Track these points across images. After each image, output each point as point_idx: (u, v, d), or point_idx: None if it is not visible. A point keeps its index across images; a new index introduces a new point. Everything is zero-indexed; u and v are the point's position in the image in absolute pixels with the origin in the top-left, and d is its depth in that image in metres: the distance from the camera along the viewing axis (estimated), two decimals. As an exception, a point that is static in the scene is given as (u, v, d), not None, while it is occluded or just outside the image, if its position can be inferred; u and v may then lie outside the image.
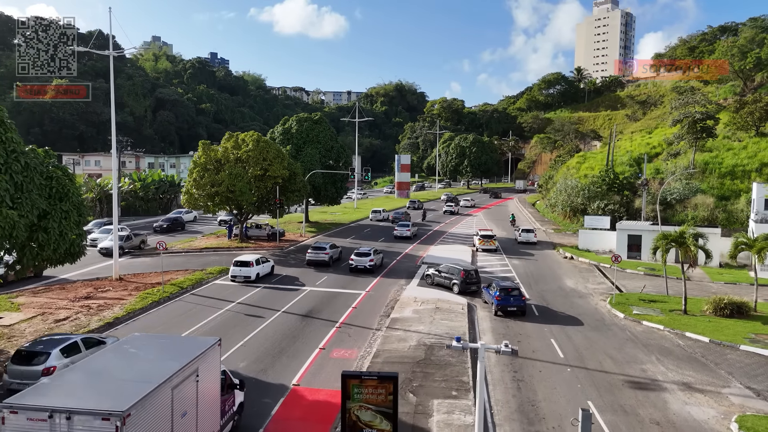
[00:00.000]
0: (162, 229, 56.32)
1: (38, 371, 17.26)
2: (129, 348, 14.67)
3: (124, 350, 14.64)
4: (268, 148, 46.45)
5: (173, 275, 35.86)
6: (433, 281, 35.24)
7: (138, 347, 14.73)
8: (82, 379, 12.56)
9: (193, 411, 13.03)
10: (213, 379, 14.27)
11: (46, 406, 10.62)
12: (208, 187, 44.89)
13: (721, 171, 65.51)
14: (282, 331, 25.79)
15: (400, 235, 55.08)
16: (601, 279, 38.93)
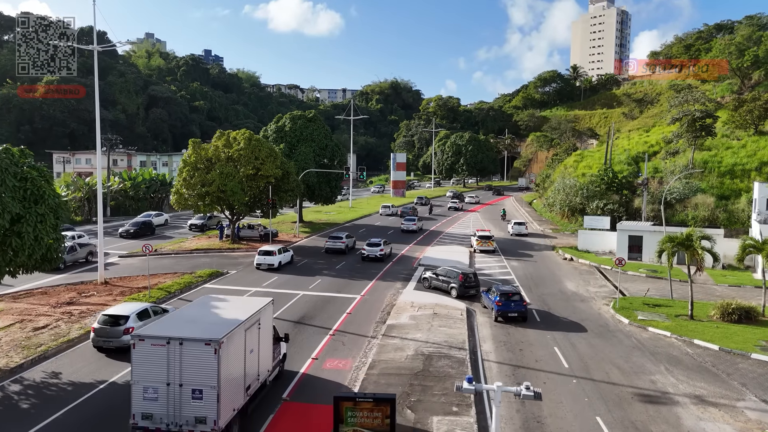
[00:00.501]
0: (129, 234, 51.28)
1: (120, 331, 21.91)
2: (208, 303, 18.95)
3: (204, 304, 18.80)
4: (261, 147, 45.17)
5: (161, 279, 34.60)
6: (430, 285, 34.12)
7: (213, 304, 18.68)
8: (182, 322, 16.91)
9: (257, 350, 17.37)
10: (268, 329, 18.81)
11: (165, 336, 14.73)
12: (198, 186, 43.59)
13: (721, 170, 64.70)
14: (273, 339, 24.56)
15: (407, 228, 58.48)
16: (602, 282, 37.91)
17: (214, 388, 14.43)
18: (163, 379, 14.55)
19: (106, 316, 22.51)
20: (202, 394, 14.45)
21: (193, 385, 14.49)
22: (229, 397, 15.11)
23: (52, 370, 20.63)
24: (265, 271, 38.19)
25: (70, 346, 22.87)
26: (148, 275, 32.68)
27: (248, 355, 16.50)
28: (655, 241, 44.56)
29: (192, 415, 14.47)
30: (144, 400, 14.63)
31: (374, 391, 18.83)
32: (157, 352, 14.60)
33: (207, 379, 14.44)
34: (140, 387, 14.66)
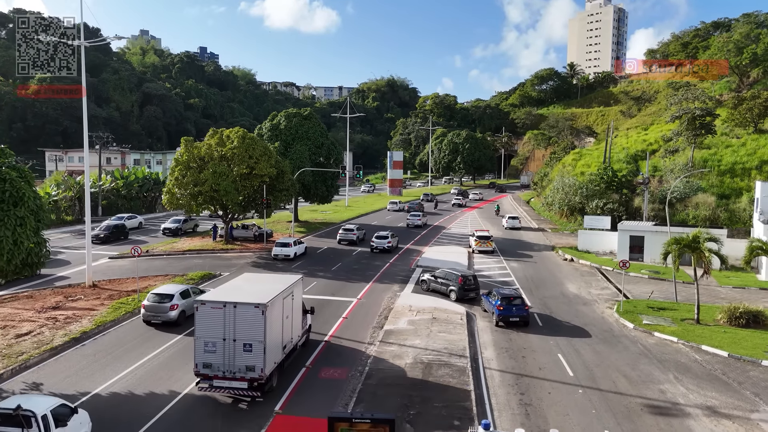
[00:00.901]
0: (99, 239, 46.96)
1: (166, 307, 25.65)
2: (250, 278, 24.32)
3: (247, 279, 23.57)
4: (255, 145, 44.13)
5: (151, 281, 33.58)
6: (428, 287, 33.21)
7: (254, 279, 24.41)
8: (232, 291, 20.35)
9: (291, 316, 20.82)
10: (299, 301, 22.37)
11: (222, 300, 18.17)
12: (190, 186, 42.55)
13: (721, 169, 64.00)
14: (266, 345, 23.64)
15: (412, 224, 61.43)
16: (604, 283, 37.08)
17: (261, 343, 17.81)
18: (220, 335, 18.01)
19: (155, 294, 26.19)
20: (251, 348, 17.84)
21: (244, 340, 17.87)
22: (271, 351, 18.46)
23: (33, 380, 19.65)
24: (281, 260, 41.35)
25: (53, 355, 21.87)
26: (137, 278, 31.71)
27: (284, 320, 20.07)
28: (657, 241, 43.90)
29: (243, 364, 17.86)
30: (205, 353, 18.06)
31: (372, 403, 17.95)
32: (215, 314, 18.03)
33: (256, 335, 17.84)
34: (202, 342, 18.12)
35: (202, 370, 18.14)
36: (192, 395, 18.64)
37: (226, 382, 17.99)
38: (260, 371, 17.74)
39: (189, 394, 18.76)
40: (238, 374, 17.85)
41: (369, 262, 42.15)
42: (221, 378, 18.01)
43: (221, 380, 18.05)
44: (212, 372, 18.06)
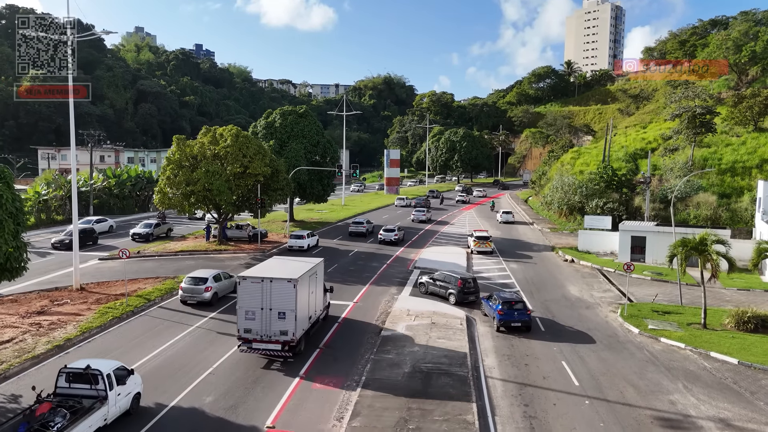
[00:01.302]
0: (63, 245, 42.68)
1: (201, 289, 28.80)
2: (280, 260, 28.24)
3: (278, 261, 27.95)
4: (248, 144, 43.10)
5: (141, 284, 32.57)
6: (427, 290, 32.31)
7: (284, 261, 27.79)
8: (267, 269, 23.44)
9: (315, 292, 24.13)
10: (321, 279, 25.60)
11: (260, 276, 21.43)
12: (183, 185, 41.52)
13: (721, 167, 63.28)
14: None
15: (417, 219, 64.77)
16: (606, 286, 36.24)
17: (293, 311, 21.12)
18: (259, 305, 21.29)
19: (191, 278, 29.56)
20: (285, 316, 21.13)
21: (278, 309, 21.19)
22: (300, 319, 21.68)
23: (11, 392, 18.65)
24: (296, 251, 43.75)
25: (35, 364, 20.89)
26: (125, 281, 30.72)
27: (310, 295, 23.24)
28: (659, 242, 43.15)
29: (278, 329, 21.18)
30: (245, 320, 21.36)
31: (368, 417, 17.05)
32: (254, 288, 21.29)
33: (288, 305, 21.11)
34: (243, 311, 21.42)
35: (243, 335, 21.53)
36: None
37: (263, 344, 21.39)
38: (292, 335, 21.23)
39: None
40: (274, 338, 21.27)
41: (366, 263, 41.23)
42: (259, 341, 21.41)
43: (259, 343, 21.44)
44: (251, 336, 21.45)
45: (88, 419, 15.03)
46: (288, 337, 21.15)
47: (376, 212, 74.91)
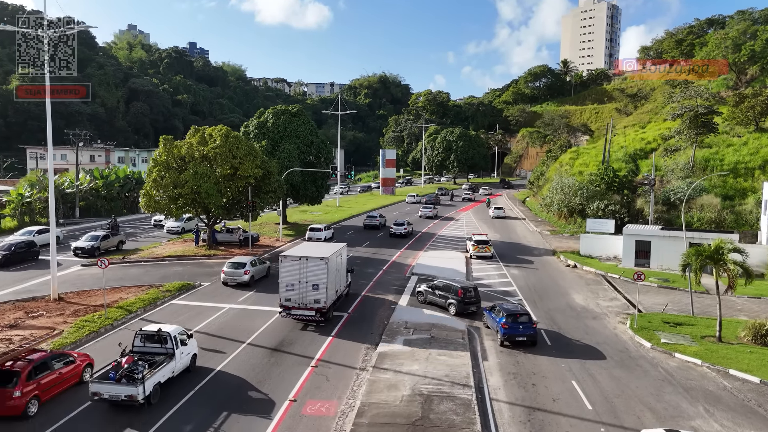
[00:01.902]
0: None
1: (241, 272, 33.73)
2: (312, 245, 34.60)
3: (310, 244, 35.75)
4: (239, 145, 41.35)
5: (123, 294, 30.82)
6: (425, 299, 30.72)
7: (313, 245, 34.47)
8: (302, 250, 28.29)
9: (340, 270, 28.85)
10: (344, 261, 30.15)
11: (297, 255, 26.40)
12: (170, 188, 39.76)
13: (723, 168, 61.97)
14: (245, 371, 21.08)
15: (423, 215, 68.72)
16: (612, 293, 34.73)
17: (324, 284, 25.81)
18: (296, 278, 25.98)
19: (232, 263, 34.64)
20: (318, 287, 25.82)
21: (313, 282, 25.83)
22: (331, 290, 26.53)
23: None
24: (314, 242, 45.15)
25: (0, 387, 19.11)
26: (105, 291, 28.98)
27: (337, 272, 27.99)
28: (665, 246, 41.76)
29: (312, 299, 25.86)
30: (286, 291, 26.10)
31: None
32: (293, 264, 26.14)
33: (321, 278, 25.80)
34: (284, 283, 26.17)
35: (284, 303, 26.39)
36: None
37: (300, 311, 26.20)
38: (324, 303, 26.09)
39: None
40: (309, 305, 26.01)
41: (361, 269, 39.54)
42: (297, 308, 26.17)
43: (297, 309, 26.20)
44: (291, 304, 26.23)
45: (162, 370, 18.75)
46: (320, 304, 26.09)
47: (387, 208, 78.50)
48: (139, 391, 17.22)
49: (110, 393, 17.35)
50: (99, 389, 17.44)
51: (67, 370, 19.14)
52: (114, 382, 17.55)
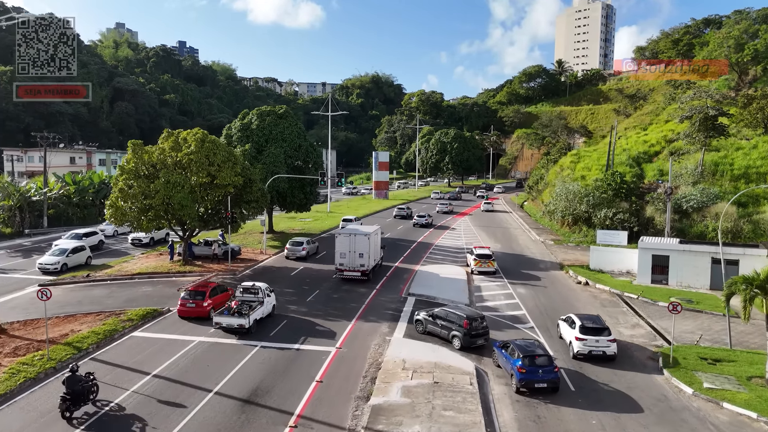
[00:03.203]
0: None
1: (300, 249, 43.82)
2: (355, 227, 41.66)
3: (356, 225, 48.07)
4: (216, 150, 37.30)
5: (77, 324, 26.74)
6: (425, 329, 26.90)
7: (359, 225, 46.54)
8: (351, 230, 38.38)
9: (376, 245, 39.82)
10: (379, 238, 41.73)
11: (348, 232, 37.37)
12: (139, 198, 35.69)
13: (734, 173, 58.68)
14: None
15: (440, 210, 77.16)
16: (633, 318, 31.02)
17: (367, 253, 36.01)
18: (347, 249, 36.10)
19: (293, 242, 44.68)
20: (362, 256, 35.88)
21: (358, 252, 35.93)
22: (371, 258, 36.91)
23: None
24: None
25: None
26: (54, 319, 24.91)
27: (374, 245, 38.26)
28: (685, 262, 38.14)
29: (358, 264, 36.06)
30: (339, 258, 36.29)
31: None
32: (345, 239, 36.15)
33: (364, 249, 35.89)
34: (338, 253, 36.31)
35: (338, 266, 36.68)
36: None
37: (349, 272, 36.44)
38: (366, 266, 36.29)
39: None
40: (356, 268, 36.28)
41: (352, 287, 35.71)
42: (347, 270, 36.47)
43: (347, 271, 36.51)
44: (343, 267, 36.48)
45: (257, 311, 27.10)
46: (364, 267, 36.42)
47: (416, 202, 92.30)
48: (245, 322, 25.91)
49: (227, 323, 26.24)
50: (219, 320, 26.51)
51: (222, 296, 30.21)
52: (228, 315, 26.41)
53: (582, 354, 23.94)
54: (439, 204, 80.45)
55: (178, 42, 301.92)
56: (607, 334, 24.03)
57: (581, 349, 23.95)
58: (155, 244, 48.89)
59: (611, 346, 23.81)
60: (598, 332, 24.01)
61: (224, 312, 26.80)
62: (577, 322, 24.70)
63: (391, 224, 65.92)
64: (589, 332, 24.03)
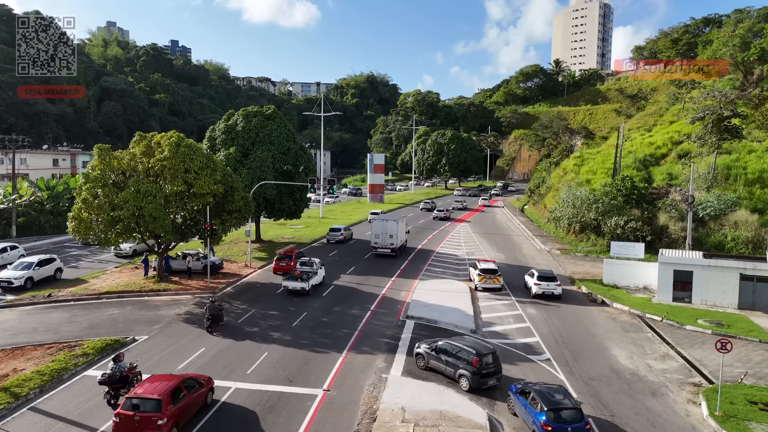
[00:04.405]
0: None
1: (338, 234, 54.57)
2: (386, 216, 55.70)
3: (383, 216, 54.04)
4: (193, 156, 33.52)
5: (22, 360, 22.99)
6: (427, 364, 23.32)
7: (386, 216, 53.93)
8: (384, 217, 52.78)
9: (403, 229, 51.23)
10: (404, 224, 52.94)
11: (383, 218, 49.70)
12: (105, 209, 31.94)
13: (747, 177, 55.43)
14: None
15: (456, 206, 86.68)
16: (661, 346, 27.48)
17: (396, 235, 47.10)
18: (380, 231, 47.18)
19: (332, 229, 54.78)
20: (392, 236, 46.92)
21: (389, 233, 46.95)
22: (399, 239, 47.91)
23: None
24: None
25: None
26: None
27: (402, 229, 49.61)
28: (711, 278, 34.68)
29: (389, 243, 46.80)
30: (375, 238, 47.27)
31: None
32: (379, 223, 47.79)
33: (394, 231, 47.10)
34: (373, 234, 47.62)
35: (373, 244, 47.03)
36: None
37: (381, 249, 46.63)
38: (395, 245, 46.74)
39: None
40: (387, 246, 46.48)
41: (344, 309, 32.06)
42: (380, 247, 46.66)
43: (380, 248, 46.68)
44: (377, 246, 46.71)
45: (314, 279, 35.33)
46: (394, 246, 46.79)
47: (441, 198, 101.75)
48: (306, 285, 33.90)
49: (292, 286, 33.95)
50: (286, 284, 34.31)
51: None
52: (293, 280, 34.24)
53: (538, 294, 35.28)
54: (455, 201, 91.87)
55: (171, 41, 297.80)
56: (555, 281, 35.47)
57: (537, 290, 35.33)
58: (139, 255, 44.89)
59: (557, 289, 35.22)
60: (549, 280, 35.48)
61: (290, 278, 34.76)
62: (536, 274, 36.30)
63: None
64: (543, 280, 35.51)
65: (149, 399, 16.83)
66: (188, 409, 18.03)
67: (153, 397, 16.84)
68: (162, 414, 16.56)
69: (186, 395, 17.95)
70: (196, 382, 18.96)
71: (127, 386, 19.11)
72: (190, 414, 18.18)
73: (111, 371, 19.13)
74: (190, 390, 18.35)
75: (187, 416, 17.93)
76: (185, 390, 18.02)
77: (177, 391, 17.66)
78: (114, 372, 19.10)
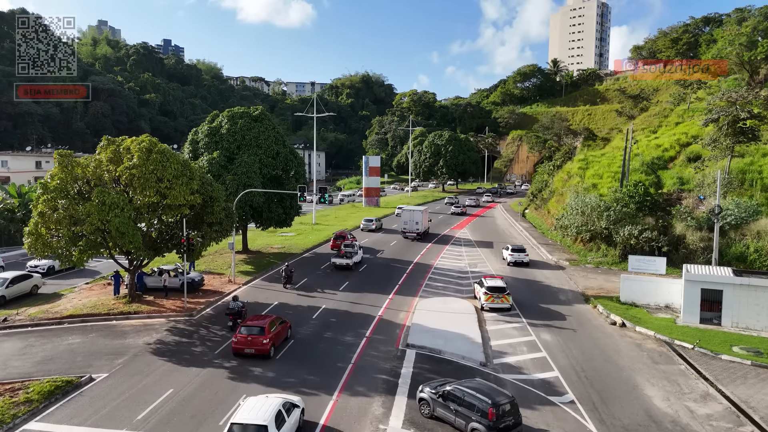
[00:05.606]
0: None
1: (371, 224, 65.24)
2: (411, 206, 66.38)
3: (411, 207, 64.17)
4: (166, 163, 29.87)
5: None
6: (432, 412, 19.81)
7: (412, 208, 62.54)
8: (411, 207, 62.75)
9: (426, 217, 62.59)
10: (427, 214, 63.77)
11: (411, 209, 61.49)
12: (65, 224, 28.29)
13: (764, 182, 52.33)
14: None
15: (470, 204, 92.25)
16: (698, 383, 23.97)
17: (420, 221, 59.27)
18: (409, 219, 59.70)
19: (366, 219, 65.45)
20: (418, 223, 59.15)
21: (415, 221, 59.27)
22: (424, 225, 60.05)
23: None
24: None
25: None
26: None
27: (423, 217, 60.10)
28: (743, 297, 31.39)
29: (415, 228, 59.07)
30: (403, 224, 60.20)
31: None
32: (408, 212, 61.13)
33: (419, 219, 59.31)
34: (402, 221, 61.11)
35: (402, 230, 60.12)
36: None
37: (409, 233, 59.05)
38: (419, 230, 58.82)
39: None
40: (414, 230, 58.82)
41: (336, 335, 28.51)
42: (408, 232, 59.17)
43: (408, 233, 59.13)
44: (405, 231, 59.44)
45: (355, 257, 43.98)
46: (419, 230, 58.53)
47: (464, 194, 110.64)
48: (349, 262, 43.08)
49: (338, 262, 43.07)
50: (334, 260, 43.57)
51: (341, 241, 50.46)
52: (339, 257, 43.30)
53: (511, 263, 45.98)
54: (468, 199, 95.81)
55: (163, 40, 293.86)
56: (524, 252, 46.80)
57: (510, 259, 46.24)
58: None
59: (526, 258, 46.24)
60: (520, 252, 46.68)
61: (336, 256, 43.83)
62: (510, 247, 47.38)
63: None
64: (515, 252, 46.58)
65: (257, 326, 24.98)
66: (279, 336, 26.01)
67: (260, 324, 25.13)
68: (265, 335, 24.69)
69: (277, 326, 26.05)
70: (282, 320, 27.18)
71: (242, 317, 28.39)
72: (280, 341, 26.25)
73: (232, 306, 28.80)
74: (280, 323, 26.65)
75: (278, 341, 26.00)
76: (277, 323, 26.18)
77: (272, 323, 25.67)
78: (233, 308, 28.69)
